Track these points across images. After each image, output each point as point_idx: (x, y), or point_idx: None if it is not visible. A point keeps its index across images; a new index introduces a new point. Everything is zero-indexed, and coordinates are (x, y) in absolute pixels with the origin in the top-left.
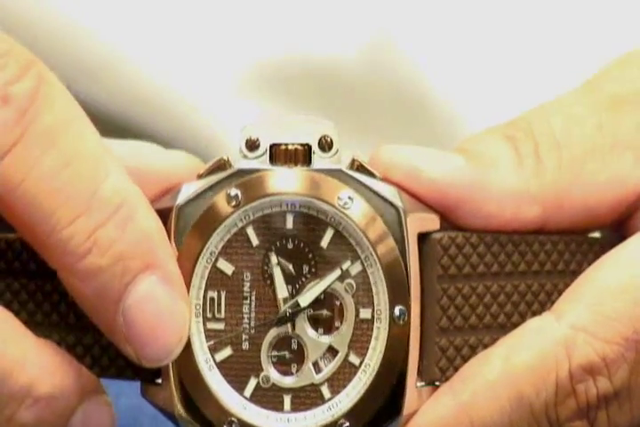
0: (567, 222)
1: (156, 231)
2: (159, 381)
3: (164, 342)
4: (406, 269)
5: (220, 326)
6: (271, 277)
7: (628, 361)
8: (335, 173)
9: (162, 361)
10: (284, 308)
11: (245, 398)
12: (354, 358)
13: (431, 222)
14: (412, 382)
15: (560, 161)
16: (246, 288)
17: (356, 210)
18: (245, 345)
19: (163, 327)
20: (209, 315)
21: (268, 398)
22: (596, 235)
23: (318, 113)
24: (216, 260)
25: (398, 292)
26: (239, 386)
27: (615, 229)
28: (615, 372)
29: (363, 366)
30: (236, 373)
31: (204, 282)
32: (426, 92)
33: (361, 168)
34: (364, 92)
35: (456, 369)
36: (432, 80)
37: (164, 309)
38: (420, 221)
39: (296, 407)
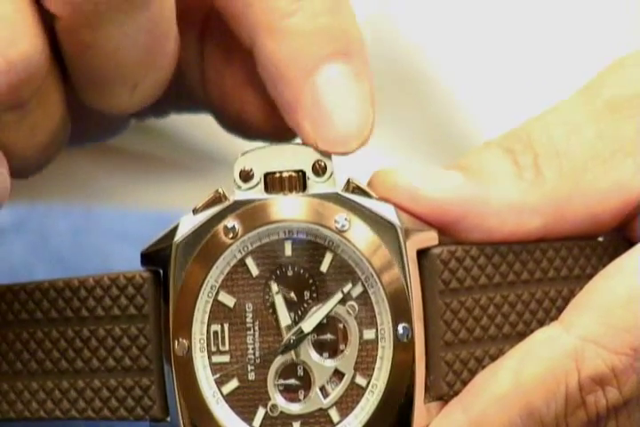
0: (570, 231)
1: (359, 32)
2: (168, 419)
3: (344, 128)
4: (407, 287)
5: (225, 358)
6: (273, 305)
7: (636, 371)
8: (331, 197)
9: (336, 147)
10: (288, 335)
11: None
12: (360, 380)
13: (430, 239)
14: (420, 398)
15: (560, 171)
16: (249, 319)
17: (353, 232)
18: (251, 376)
19: (347, 114)
20: (213, 348)
21: (277, 426)
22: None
23: None
24: (217, 293)
25: (400, 310)
26: (248, 417)
27: (617, 231)
28: (624, 382)
29: (370, 387)
30: (243, 404)
31: (206, 316)
32: (422, 68)
33: (357, 189)
34: None
35: (463, 383)
36: (429, 56)
37: (352, 98)
38: (419, 239)
39: None
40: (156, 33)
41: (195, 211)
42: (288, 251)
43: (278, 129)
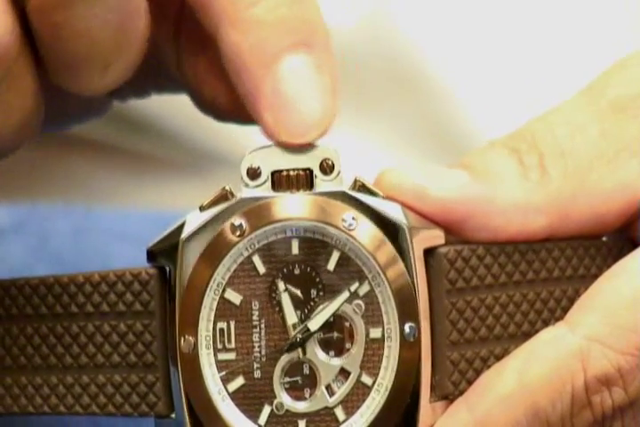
0: (575, 230)
1: (322, 23)
2: (173, 416)
3: (305, 118)
4: (414, 286)
5: (231, 356)
6: (279, 303)
7: None
8: (338, 195)
9: (296, 137)
10: (294, 333)
11: (260, 426)
12: (366, 379)
13: (436, 238)
14: (426, 397)
15: (565, 170)
16: (255, 317)
17: (361, 230)
18: (257, 373)
19: (307, 104)
20: (219, 346)
21: (283, 424)
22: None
23: None
24: (223, 290)
25: (407, 309)
26: (253, 414)
27: (622, 231)
28: (630, 382)
29: (376, 386)
30: (249, 402)
31: (212, 314)
32: (421, 65)
33: (363, 188)
34: (362, 64)
35: (469, 382)
36: (427, 54)
37: (313, 89)
38: (426, 238)
39: None
40: (125, 13)
41: (201, 208)
42: (295, 249)
43: (249, 115)
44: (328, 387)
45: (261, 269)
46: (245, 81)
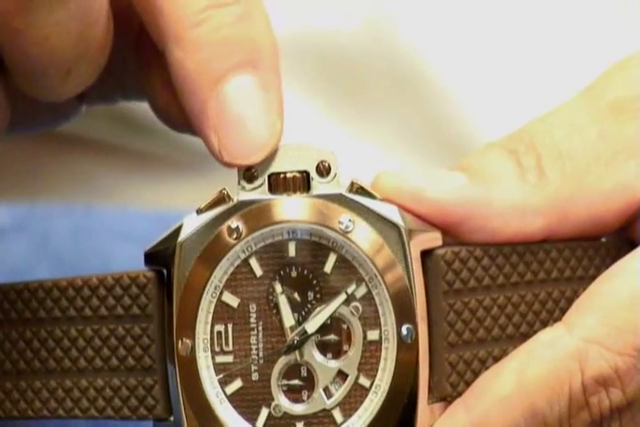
0: (573, 232)
1: (268, 40)
2: (172, 419)
3: (249, 140)
4: (411, 288)
5: (229, 358)
6: (277, 306)
7: None
8: (335, 198)
9: (239, 159)
10: (292, 336)
11: None
12: (364, 381)
13: (434, 240)
14: (424, 399)
15: (563, 172)
16: (253, 319)
17: (357, 233)
18: (255, 376)
19: (252, 125)
20: (217, 349)
21: None
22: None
23: (314, 85)
24: (221, 293)
25: (404, 311)
26: (251, 417)
27: (620, 232)
28: (628, 383)
29: (373, 388)
30: (247, 404)
31: (210, 316)
32: (421, 67)
33: (360, 190)
34: (362, 66)
35: (467, 384)
36: (428, 56)
37: (257, 109)
38: (423, 239)
39: None
40: (87, 20)
41: (199, 211)
42: (292, 251)
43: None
44: (326, 389)
45: (258, 271)
46: (191, 101)
